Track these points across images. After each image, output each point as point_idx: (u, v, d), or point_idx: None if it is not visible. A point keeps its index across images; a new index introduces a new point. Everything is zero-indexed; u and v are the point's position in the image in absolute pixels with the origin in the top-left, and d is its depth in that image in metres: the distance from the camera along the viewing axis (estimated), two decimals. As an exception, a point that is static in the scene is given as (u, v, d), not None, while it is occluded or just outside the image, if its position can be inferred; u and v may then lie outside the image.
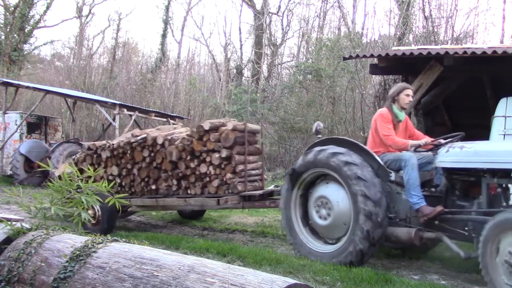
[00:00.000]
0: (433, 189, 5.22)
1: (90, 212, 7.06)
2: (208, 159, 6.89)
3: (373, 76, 14.45)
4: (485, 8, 21.30)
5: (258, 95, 21.57)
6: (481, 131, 7.76)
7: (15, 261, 3.34)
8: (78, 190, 4.03)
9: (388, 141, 5.36)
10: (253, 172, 7.11)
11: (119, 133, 14.26)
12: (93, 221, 7.20)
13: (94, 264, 2.90)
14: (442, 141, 5.22)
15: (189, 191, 7.15)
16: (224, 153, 6.74)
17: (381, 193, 5.05)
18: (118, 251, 2.94)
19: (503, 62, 6.90)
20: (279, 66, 25.33)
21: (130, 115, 15.00)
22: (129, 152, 7.58)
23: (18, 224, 3.76)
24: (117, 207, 4.14)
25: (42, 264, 3.17)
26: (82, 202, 3.85)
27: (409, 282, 4.88)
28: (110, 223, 7.38)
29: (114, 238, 3.29)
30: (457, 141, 5.06)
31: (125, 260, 2.79)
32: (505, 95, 5.91)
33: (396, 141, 5.35)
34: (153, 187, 7.51)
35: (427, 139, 5.39)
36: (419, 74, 7.49)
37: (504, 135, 5.69)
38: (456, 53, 6.79)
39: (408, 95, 5.52)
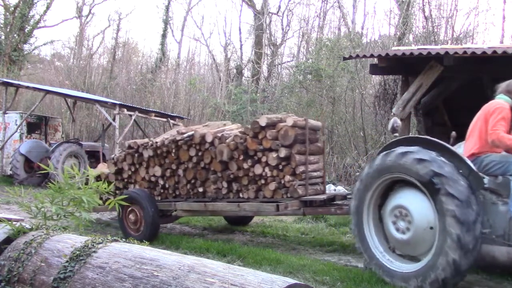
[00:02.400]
0: None
1: (131, 216, 6.87)
2: (264, 159, 6.25)
3: (373, 76, 14.45)
4: (485, 8, 21.38)
5: (258, 95, 21.57)
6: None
7: (15, 261, 3.34)
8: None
9: (493, 136, 4.39)
10: (314, 174, 6.47)
11: (119, 133, 14.28)
12: (134, 227, 6.91)
13: (94, 264, 2.90)
14: None
15: (241, 195, 6.52)
16: (283, 153, 6.11)
17: (476, 214, 4.16)
18: (118, 251, 2.94)
19: (503, 62, 6.89)
20: (279, 66, 25.33)
21: (130, 115, 14.99)
22: (174, 151, 6.96)
23: (18, 224, 3.76)
24: (116, 210, 4.06)
25: (42, 264, 3.17)
26: (83, 202, 3.85)
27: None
28: (153, 229, 6.80)
29: (114, 238, 3.29)
30: None
31: (125, 260, 2.80)
32: (505, 95, 5.88)
33: (504, 139, 4.34)
34: (200, 189, 6.89)
35: None
36: (419, 74, 7.48)
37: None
38: (456, 53, 6.78)
39: None
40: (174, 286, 2.37)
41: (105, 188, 4.03)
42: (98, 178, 7.84)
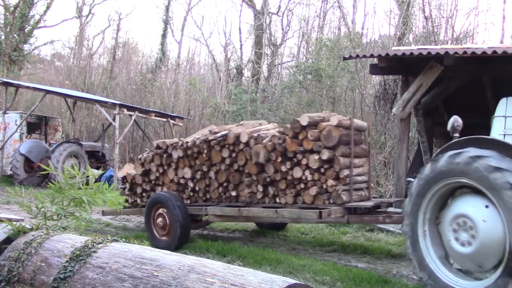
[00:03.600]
0: None
1: (159, 221, 6.58)
2: (304, 161, 5.77)
3: (373, 76, 14.45)
4: (485, 8, 21.35)
5: (258, 95, 21.58)
6: (481, 131, 7.75)
7: (15, 261, 3.34)
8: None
9: None
10: (359, 178, 5.97)
11: (119, 133, 14.29)
12: (162, 232, 6.57)
13: (94, 264, 2.90)
14: None
15: (277, 200, 6.09)
16: (326, 155, 5.63)
17: None
18: (118, 251, 2.94)
19: (503, 62, 6.89)
20: (279, 66, 25.34)
21: (130, 115, 15.00)
22: (205, 151, 6.55)
23: (18, 224, 3.76)
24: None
25: (42, 264, 3.17)
26: (83, 202, 3.85)
27: (409, 282, 4.89)
28: (183, 234, 6.42)
29: (114, 238, 3.29)
30: None
31: (125, 260, 2.79)
32: (505, 95, 5.90)
33: None
34: (233, 193, 6.46)
35: None
36: (419, 74, 7.48)
37: (504, 135, 5.64)
38: (456, 53, 6.78)
39: None
40: (174, 286, 2.37)
41: (106, 189, 4.01)
42: (124, 179, 7.70)
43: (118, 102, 15.27)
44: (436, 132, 10.62)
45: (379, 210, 5.96)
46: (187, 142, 6.76)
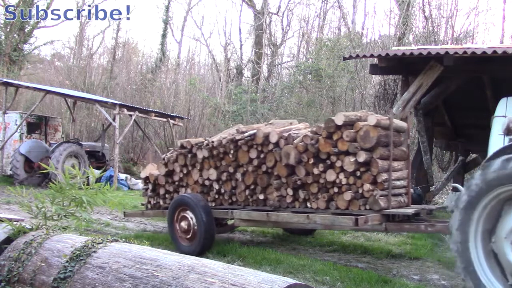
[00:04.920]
0: None
1: (183, 224, 6.29)
2: (338, 163, 5.36)
3: (373, 76, 14.46)
4: (485, 8, 21.36)
5: (258, 95, 21.59)
6: (481, 131, 7.77)
7: (15, 261, 3.35)
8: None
9: None
10: (398, 183, 5.53)
11: (119, 133, 14.28)
12: (185, 236, 6.27)
13: (94, 264, 2.90)
14: None
15: (308, 204, 5.71)
16: (362, 157, 5.20)
17: None
18: (118, 251, 2.94)
19: (503, 62, 6.89)
20: (279, 66, 25.36)
21: (130, 115, 14.99)
22: (232, 152, 6.21)
23: (19, 224, 3.77)
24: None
25: (42, 264, 3.17)
26: (83, 202, 3.85)
27: (409, 282, 4.89)
28: (208, 239, 6.09)
29: (114, 238, 3.29)
30: None
31: (125, 260, 2.80)
32: (505, 95, 5.91)
33: None
34: (261, 197, 6.10)
35: None
36: (419, 74, 7.48)
37: (504, 135, 5.64)
38: (456, 53, 6.79)
39: None
40: (174, 286, 2.37)
41: (107, 189, 4.01)
42: (146, 180, 7.44)
43: (118, 102, 15.27)
44: (436, 132, 10.64)
45: (420, 217, 5.53)
46: (212, 142, 6.44)
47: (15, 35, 25.51)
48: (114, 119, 14.12)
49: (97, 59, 29.22)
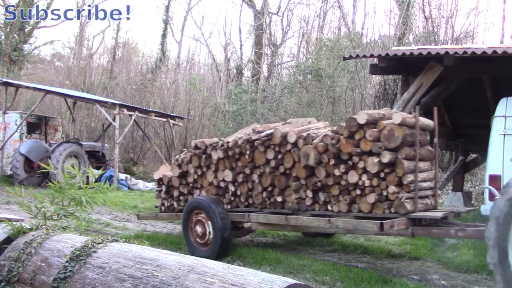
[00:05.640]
0: None
1: (198, 228, 6.14)
2: (361, 164, 5.06)
3: (373, 76, 14.47)
4: (485, 8, 21.38)
5: (258, 95, 21.59)
6: (481, 131, 7.77)
7: (15, 261, 3.34)
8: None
9: None
10: (424, 184, 5.22)
11: (119, 133, 14.28)
12: (201, 240, 6.11)
13: (94, 264, 2.90)
14: None
15: (329, 207, 5.44)
16: (386, 157, 4.90)
17: None
18: (118, 251, 2.94)
19: (503, 62, 6.89)
20: (279, 66, 25.37)
21: (130, 115, 15.00)
22: (248, 152, 5.98)
23: (18, 224, 3.77)
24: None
25: (42, 264, 3.17)
26: (83, 202, 3.85)
27: (409, 282, 4.89)
28: (224, 243, 5.91)
29: (114, 238, 3.29)
30: None
31: (125, 260, 2.80)
32: (505, 95, 5.90)
33: None
34: (279, 199, 5.87)
35: None
36: (419, 74, 7.49)
37: (504, 135, 5.63)
38: (456, 53, 6.79)
39: None
40: (174, 286, 2.37)
41: (106, 188, 4.01)
42: (160, 181, 7.27)
43: (118, 102, 15.27)
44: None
45: (449, 221, 5.28)
46: (228, 142, 6.23)
47: (15, 35, 25.51)
48: (114, 119, 14.13)
49: (97, 59, 29.25)
